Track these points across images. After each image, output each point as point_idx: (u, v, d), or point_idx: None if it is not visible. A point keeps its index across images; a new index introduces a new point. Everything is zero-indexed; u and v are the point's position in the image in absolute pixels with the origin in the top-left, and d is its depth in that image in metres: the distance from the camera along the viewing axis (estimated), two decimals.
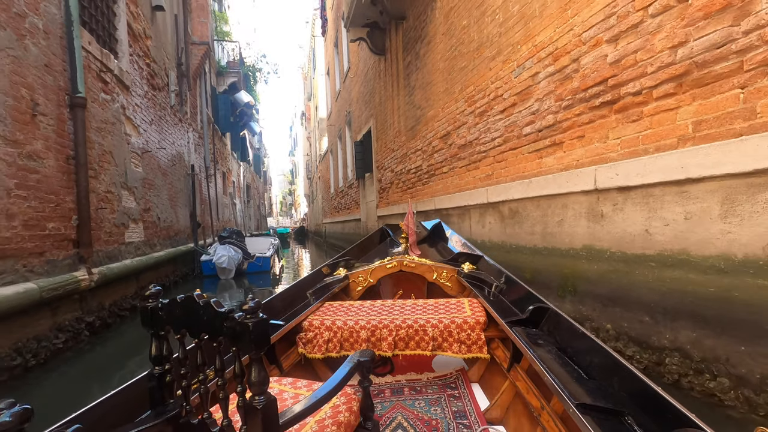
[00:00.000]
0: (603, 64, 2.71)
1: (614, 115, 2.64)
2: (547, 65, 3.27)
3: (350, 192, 13.33)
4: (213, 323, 0.88)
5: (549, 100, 3.26)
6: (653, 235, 2.37)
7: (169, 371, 1.07)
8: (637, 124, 2.47)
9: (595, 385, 1.25)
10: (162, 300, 1.04)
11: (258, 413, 0.82)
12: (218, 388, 0.93)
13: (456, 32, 4.92)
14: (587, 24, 2.84)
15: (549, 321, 1.79)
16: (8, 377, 2.91)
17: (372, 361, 1.36)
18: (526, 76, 3.55)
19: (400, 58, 7.12)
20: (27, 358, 3.12)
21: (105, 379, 3.28)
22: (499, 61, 3.97)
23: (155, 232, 6.68)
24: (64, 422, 0.96)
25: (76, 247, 3.98)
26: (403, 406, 2.04)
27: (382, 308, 2.35)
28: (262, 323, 0.82)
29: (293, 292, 2.50)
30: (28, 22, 3.48)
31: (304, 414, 1.00)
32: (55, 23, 3.88)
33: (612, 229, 2.66)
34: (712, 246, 2.05)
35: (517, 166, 3.73)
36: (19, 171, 3.24)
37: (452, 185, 5.18)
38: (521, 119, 3.65)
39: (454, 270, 2.80)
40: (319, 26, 20.35)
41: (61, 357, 3.54)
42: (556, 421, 1.45)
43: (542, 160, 3.38)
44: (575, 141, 3.00)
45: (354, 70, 11.61)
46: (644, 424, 1.04)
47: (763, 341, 1.80)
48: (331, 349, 2.08)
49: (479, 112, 4.42)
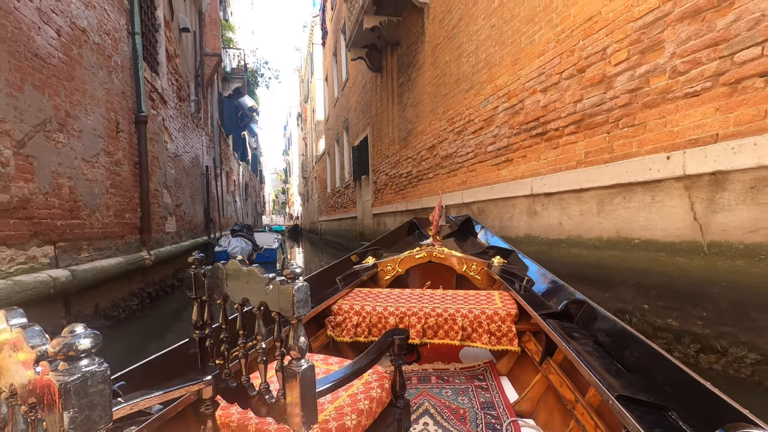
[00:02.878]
0: (537, 106, 3.89)
1: (544, 143, 3.82)
2: (504, 102, 4.44)
3: (347, 192, 14.44)
4: (256, 288, 0.89)
5: (505, 128, 4.44)
6: (563, 225, 3.54)
7: (209, 336, 1.09)
8: (556, 150, 3.65)
9: (635, 378, 1.20)
10: (205, 266, 1.07)
11: (297, 377, 0.83)
12: (258, 353, 0.94)
13: (440, 65, 6.08)
14: (528, 77, 4.01)
15: (585, 315, 1.74)
16: (111, 323, 4.01)
17: (407, 339, 1.35)
18: (490, 107, 4.72)
19: (395, 77, 8.27)
20: (119, 313, 4.22)
21: (161, 335, 4.37)
22: (472, 93, 5.15)
23: (182, 225, 7.76)
24: (112, 378, 0.99)
25: (140, 233, 5.08)
26: (429, 394, 2.03)
27: (411, 296, 2.35)
28: (304, 288, 0.83)
29: (322, 277, 2.54)
30: (113, 61, 4.57)
31: (338, 385, 1.01)
32: (126, 58, 4.97)
33: (541, 222, 3.84)
34: (593, 232, 3.23)
35: (483, 176, 4.91)
36: (111, 174, 4.34)
37: (436, 188, 6.35)
38: (486, 140, 4.82)
39: (483, 263, 2.79)
40: (317, 33, 21.46)
41: (135, 316, 4.64)
42: (591, 414, 1.40)
43: (500, 172, 4.55)
44: (520, 159, 4.17)
45: (352, 81, 12.72)
46: (690, 420, 0.99)
47: (615, 289, 2.98)
48: (359, 333, 2.11)
49: (457, 131, 5.58)
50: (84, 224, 3.69)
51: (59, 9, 3.45)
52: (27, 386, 0.57)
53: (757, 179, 2.11)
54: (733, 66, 2.23)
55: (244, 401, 0.97)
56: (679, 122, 2.53)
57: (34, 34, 3.09)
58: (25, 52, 2.96)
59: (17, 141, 2.81)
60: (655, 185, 2.67)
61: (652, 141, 2.71)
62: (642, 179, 2.74)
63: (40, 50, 3.16)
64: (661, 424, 0.97)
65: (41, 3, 3.19)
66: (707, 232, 2.37)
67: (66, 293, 3.16)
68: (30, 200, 2.93)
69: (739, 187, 2.21)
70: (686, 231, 2.49)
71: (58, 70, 3.38)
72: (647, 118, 2.74)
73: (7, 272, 2.64)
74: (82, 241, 3.65)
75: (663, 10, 2.61)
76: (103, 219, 4.08)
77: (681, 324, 2.51)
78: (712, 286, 2.34)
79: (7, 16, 2.77)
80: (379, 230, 9.56)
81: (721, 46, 2.28)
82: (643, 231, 2.78)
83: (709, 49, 2.35)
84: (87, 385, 0.51)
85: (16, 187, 2.79)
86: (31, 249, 2.91)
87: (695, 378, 1.07)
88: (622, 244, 2.96)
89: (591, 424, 1.39)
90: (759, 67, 2.11)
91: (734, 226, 2.23)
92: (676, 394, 1.08)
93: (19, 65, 2.89)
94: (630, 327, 1.44)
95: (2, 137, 2.67)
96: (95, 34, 4.11)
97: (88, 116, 3.86)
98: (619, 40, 2.94)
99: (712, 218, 2.34)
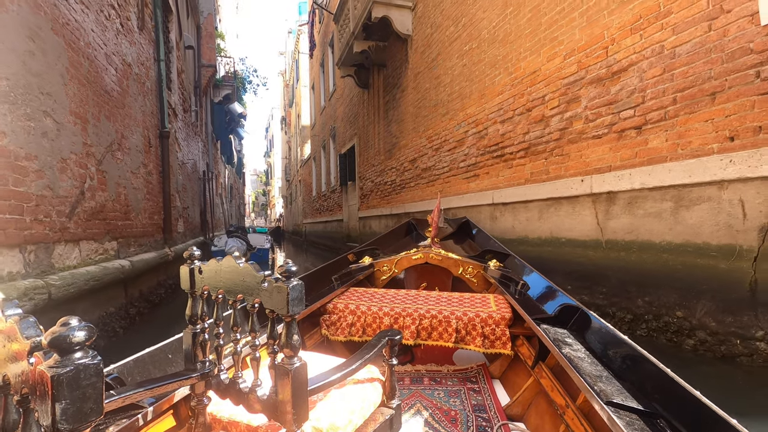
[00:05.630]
0: (497, 133, 4.92)
1: (502, 163, 4.85)
2: (473, 127, 5.47)
3: (333, 196, 15.32)
4: (251, 285, 0.90)
5: (473, 149, 5.46)
6: (515, 228, 4.57)
7: (203, 331, 1.09)
8: (511, 169, 4.68)
9: (625, 385, 1.22)
10: (201, 261, 1.08)
11: (289, 375, 0.84)
12: (251, 349, 0.95)
13: (421, 90, 7.10)
14: (491, 110, 5.04)
15: (578, 321, 1.76)
16: (150, 307, 4.83)
17: (399, 340, 1.37)
18: (462, 131, 5.75)
19: (381, 95, 9.24)
20: (154, 298, 5.05)
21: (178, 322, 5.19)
22: (447, 118, 6.17)
23: (188, 226, 8.54)
24: (105, 372, 0.96)
25: (163, 233, 5.90)
26: (422, 395, 2.03)
27: (407, 297, 2.37)
28: (299, 287, 0.84)
29: (318, 275, 2.55)
30: (146, 86, 5.40)
31: (331, 383, 1.02)
32: (153, 82, 5.80)
33: (500, 225, 4.87)
34: (535, 233, 4.26)
35: (456, 187, 5.92)
36: (146, 183, 5.16)
37: (417, 196, 7.35)
38: (459, 157, 5.84)
39: (480, 266, 2.82)
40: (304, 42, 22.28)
41: (164, 302, 5.45)
42: (581, 420, 1.43)
43: (469, 184, 5.58)
44: (485, 175, 5.20)
45: (340, 92, 13.65)
46: (678, 428, 1.01)
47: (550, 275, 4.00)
48: (353, 333, 2.13)
49: (435, 148, 6.59)
50: (132, 224, 4.52)
51: (116, 51, 4.29)
52: (20, 377, 0.57)
53: (632, 198, 3.16)
54: (619, 120, 3.28)
55: (236, 397, 0.99)
56: (589, 155, 3.58)
57: (104, 74, 3.93)
58: (100, 90, 3.80)
59: (98, 160, 3.65)
60: (575, 199, 3.72)
61: (573, 167, 3.76)
62: (567, 195, 3.78)
63: (107, 86, 4.00)
64: (650, 431, 1.00)
65: (107, 48, 4.02)
66: (605, 233, 3.42)
67: (126, 279, 3.99)
68: (105, 205, 3.76)
69: (622, 202, 3.25)
70: (593, 232, 3.53)
71: (116, 101, 4.22)
72: (570, 151, 3.79)
73: (94, 260, 3.48)
74: (131, 238, 4.48)
75: (579, 74, 3.66)
76: (142, 220, 4.91)
77: (590, 298, 3.55)
78: (608, 270, 3.38)
79: (91, 64, 3.62)
80: (365, 232, 10.50)
81: (612, 105, 3.34)
82: (568, 232, 3.82)
83: (606, 106, 3.40)
84: (79, 378, 0.51)
85: (98, 195, 3.63)
86: (105, 243, 3.74)
87: (685, 387, 1.08)
88: (554, 242, 3.99)
89: (581, 429, 1.40)
90: (633, 122, 3.16)
91: (619, 229, 3.28)
92: (666, 402, 1.10)
93: (98, 101, 3.73)
94: (622, 335, 1.46)
95: (90, 158, 3.51)
96: (136, 66, 4.94)
97: (133, 135, 4.69)
98: (553, 91, 3.99)
99: (608, 223, 3.38)
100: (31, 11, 2.67)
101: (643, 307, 3.06)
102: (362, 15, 7.99)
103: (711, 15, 2.62)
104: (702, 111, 2.67)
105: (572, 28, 3.73)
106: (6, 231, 2.33)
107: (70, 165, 3.12)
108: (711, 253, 2.62)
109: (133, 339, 3.89)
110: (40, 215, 2.68)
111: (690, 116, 2.75)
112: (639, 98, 3.10)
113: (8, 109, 2.39)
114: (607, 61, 3.37)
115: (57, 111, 2.95)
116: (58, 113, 2.97)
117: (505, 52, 4.72)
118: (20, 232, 2.46)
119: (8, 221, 2.35)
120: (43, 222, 2.71)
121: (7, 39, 2.40)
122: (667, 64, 2.89)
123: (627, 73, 3.21)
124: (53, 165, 2.88)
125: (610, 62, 3.34)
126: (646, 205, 3.06)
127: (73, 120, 3.21)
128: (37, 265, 2.63)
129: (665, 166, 2.88)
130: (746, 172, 2.41)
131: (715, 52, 2.60)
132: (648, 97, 3.03)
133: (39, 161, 2.69)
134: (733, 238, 2.50)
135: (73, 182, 3.16)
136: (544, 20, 4.08)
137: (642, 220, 3.09)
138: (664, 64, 2.91)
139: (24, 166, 2.53)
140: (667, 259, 2.88)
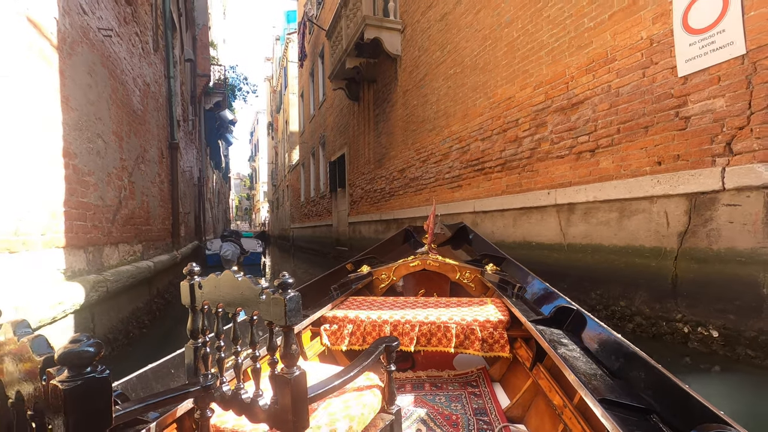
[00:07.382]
0: (478, 149, 5.56)
1: (482, 176, 5.50)
2: (457, 143, 6.11)
3: (322, 202, 15.82)
4: (249, 298, 0.93)
5: (457, 162, 6.10)
6: (494, 233, 5.21)
7: (204, 344, 1.12)
8: (490, 182, 5.33)
9: (619, 383, 1.26)
10: (200, 277, 1.12)
11: (289, 384, 0.86)
12: (252, 361, 0.98)
13: (409, 106, 7.73)
14: (473, 128, 5.69)
15: (573, 321, 1.79)
16: (164, 303, 5.30)
17: (397, 347, 1.39)
18: (447, 146, 6.38)
19: (371, 108, 9.85)
20: (168, 296, 5.52)
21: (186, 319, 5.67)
22: (434, 133, 6.81)
23: (187, 230, 8.97)
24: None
25: (172, 237, 6.37)
26: (423, 401, 2.05)
27: (406, 304, 2.39)
28: (296, 298, 0.85)
29: (316, 286, 2.57)
30: (159, 102, 5.89)
31: (330, 390, 1.05)
32: (164, 98, 6.29)
33: (480, 231, 5.49)
34: (510, 238, 4.91)
35: (442, 196, 6.55)
36: (160, 190, 5.65)
37: (405, 204, 7.96)
38: (444, 169, 6.47)
39: (477, 270, 2.86)
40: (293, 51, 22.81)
41: (173, 301, 5.91)
42: (578, 419, 1.45)
43: (453, 194, 6.21)
44: (467, 186, 5.84)
45: (330, 102, 14.21)
46: (670, 422, 1.05)
47: None
48: (354, 342, 2.14)
49: (422, 159, 7.22)
50: (151, 229, 5.01)
51: (139, 73, 4.79)
52: (33, 393, 0.59)
53: (587, 208, 3.82)
54: (577, 143, 3.95)
55: (238, 408, 1.00)
56: (553, 172, 4.24)
57: (132, 96, 4.43)
58: (130, 111, 4.31)
59: (129, 172, 4.16)
60: (543, 209, 4.37)
61: (541, 182, 4.42)
62: (536, 205, 4.44)
63: (134, 106, 4.50)
64: (642, 426, 1.03)
65: (133, 72, 4.53)
66: (566, 238, 4.07)
67: (150, 278, 4.48)
68: (134, 212, 4.26)
69: (580, 212, 3.91)
70: (557, 237, 4.19)
71: (140, 119, 4.72)
72: (539, 168, 4.45)
73: (128, 260, 3.97)
74: (150, 242, 4.96)
75: (546, 103, 4.33)
76: (158, 225, 5.39)
77: None
78: (569, 269, 4.03)
79: (124, 88, 4.13)
80: (355, 237, 11.05)
81: (572, 131, 4.00)
82: (537, 237, 4.47)
83: (567, 131, 4.07)
84: (91, 391, 0.53)
85: (130, 203, 4.12)
86: (134, 246, 4.23)
87: (675, 382, 1.12)
88: (526, 245, 4.64)
89: (578, 428, 1.43)
90: (588, 146, 3.83)
91: (578, 235, 3.93)
92: (658, 398, 1.13)
93: (128, 120, 4.23)
94: (616, 333, 1.50)
95: (125, 171, 4.02)
96: (153, 85, 5.44)
97: (151, 148, 5.19)
98: (525, 116, 4.65)
99: (569, 230, 4.04)
100: (89, 50, 3.19)
101: (596, 298, 3.71)
102: (355, 35, 8.60)
103: (644, 64, 3.30)
104: (638, 140, 3.35)
105: (540, 64, 4.41)
106: (77, 235, 2.84)
107: (112, 178, 3.63)
108: (645, 254, 3.29)
109: (155, 333, 4.38)
110: (96, 221, 3.19)
111: (630, 144, 3.42)
112: (592, 126, 3.77)
113: (78, 134, 2.90)
114: (568, 94, 4.05)
115: (105, 133, 3.47)
116: (106, 134, 3.49)
117: (485, 79, 5.38)
118: (84, 235, 2.97)
119: (79, 227, 2.86)
120: (97, 227, 3.22)
121: (77, 77, 2.92)
122: (613, 100, 3.57)
123: (583, 105, 3.88)
124: (103, 179, 3.39)
125: (570, 95, 4.01)
126: (598, 215, 3.72)
127: (114, 139, 3.72)
128: (94, 263, 3.13)
129: (612, 183, 3.55)
130: (669, 190, 3.08)
131: (647, 94, 3.28)
132: (599, 126, 3.71)
133: (95, 176, 3.20)
134: (660, 241, 3.17)
135: (114, 192, 3.66)
136: (518, 54, 4.75)
137: (595, 227, 3.75)
138: (611, 101, 3.58)
139: (87, 180, 3.04)
140: (613, 259, 3.55)
